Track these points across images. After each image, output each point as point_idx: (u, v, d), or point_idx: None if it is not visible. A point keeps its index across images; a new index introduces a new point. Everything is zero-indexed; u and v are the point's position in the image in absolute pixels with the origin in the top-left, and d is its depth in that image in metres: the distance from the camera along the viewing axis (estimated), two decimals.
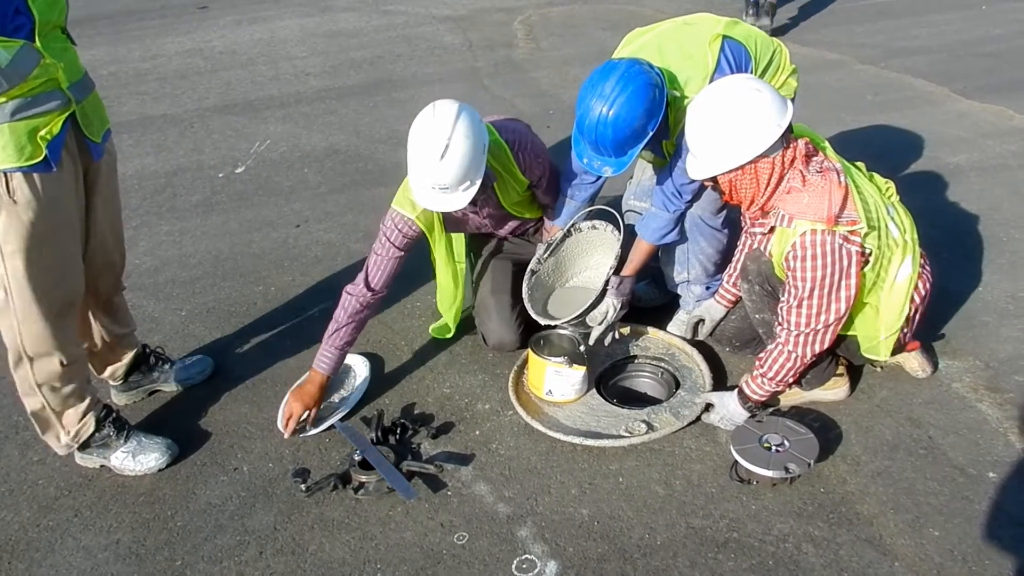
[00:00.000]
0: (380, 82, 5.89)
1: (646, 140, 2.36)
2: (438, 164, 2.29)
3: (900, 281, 2.33)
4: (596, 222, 2.75)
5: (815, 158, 2.26)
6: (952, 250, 3.26)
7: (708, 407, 2.52)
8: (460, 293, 2.87)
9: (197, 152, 4.88)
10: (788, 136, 2.22)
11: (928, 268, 2.44)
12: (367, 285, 2.59)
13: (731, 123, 2.17)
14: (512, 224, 2.89)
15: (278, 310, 3.28)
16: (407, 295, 3.28)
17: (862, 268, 2.23)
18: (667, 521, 2.19)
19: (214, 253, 3.73)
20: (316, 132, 5.06)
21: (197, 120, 5.38)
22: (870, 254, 2.24)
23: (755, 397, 2.40)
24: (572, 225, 2.76)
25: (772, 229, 2.30)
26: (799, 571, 2.02)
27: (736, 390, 2.45)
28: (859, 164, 2.44)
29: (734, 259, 2.69)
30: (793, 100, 2.64)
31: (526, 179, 2.66)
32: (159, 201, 4.28)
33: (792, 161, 2.22)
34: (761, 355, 2.38)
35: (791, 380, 2.38)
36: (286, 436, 2.54)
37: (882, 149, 4.25)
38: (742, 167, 2.21)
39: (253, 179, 4.47)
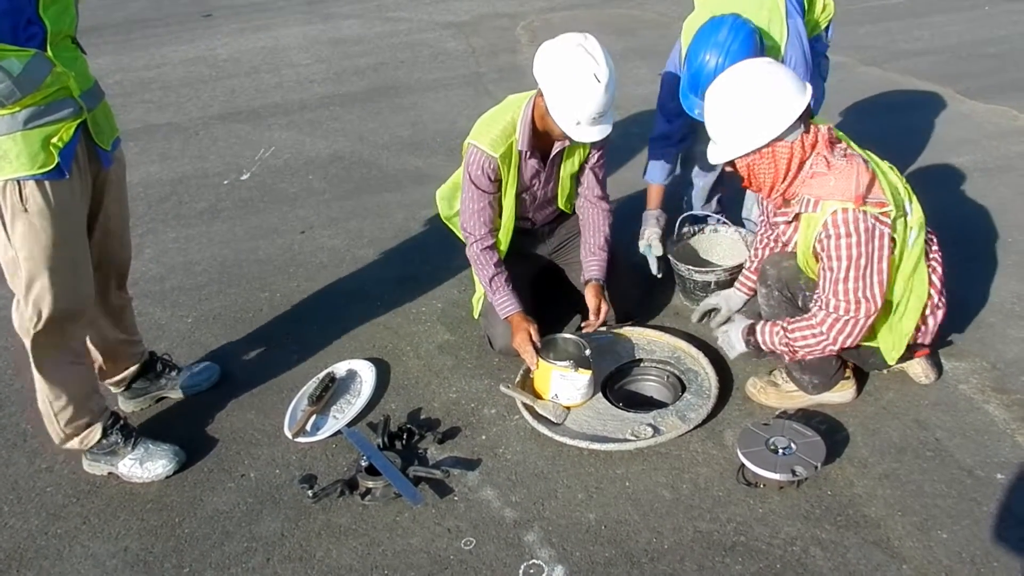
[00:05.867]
0: (383, 88, 5.92)
1: None
2: (604, 93, 2.39)
3: (919, 273, 2.30)
4: (719, 226, 3.23)
5: (839, 145, 2.24)
6: (957, 251, 3.24)
7: (713, 312, 2.58)
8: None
9: (202, 160, 4.90)
10: (807, 121, 2.20)
11: (941, 264, 2.42)
12: (478, 235, 2.70)
13: (745, 107, 2.17)
14: (548, 210, 2.94)
15: (284, 316, 3.28)
16: (412, 301, 3.29)
17: (892, 253, 2.21)
18: (674, 525, 2.19)
19: (220, 260, 3.74)
20: (320, 139, 5.08)
21: (202, 128, 5.41)
22: (895, 241, 2.21)
23: (760, 341, 2.38)
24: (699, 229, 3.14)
25: (796, 217, 2.28)
26: (807, 574, 2.01)
27: (748, 324, 2.44)
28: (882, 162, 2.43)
29: (754, 247, 2.69)
30: (829, 26, 3.02)
31: (587, 145, 2.74)
32: (165, 209, 4.30)
33: (814, 145, 2.20)
34: (796, 318, 2.32)
35: (801, 357, 2.35)
36: (531, 360, 2.64)
37: (886, 150, 4.20)
38: (758, 151, 2.20)
39: (258, 186, 4.49)
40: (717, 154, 2.30)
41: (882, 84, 5.21)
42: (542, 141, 2.67)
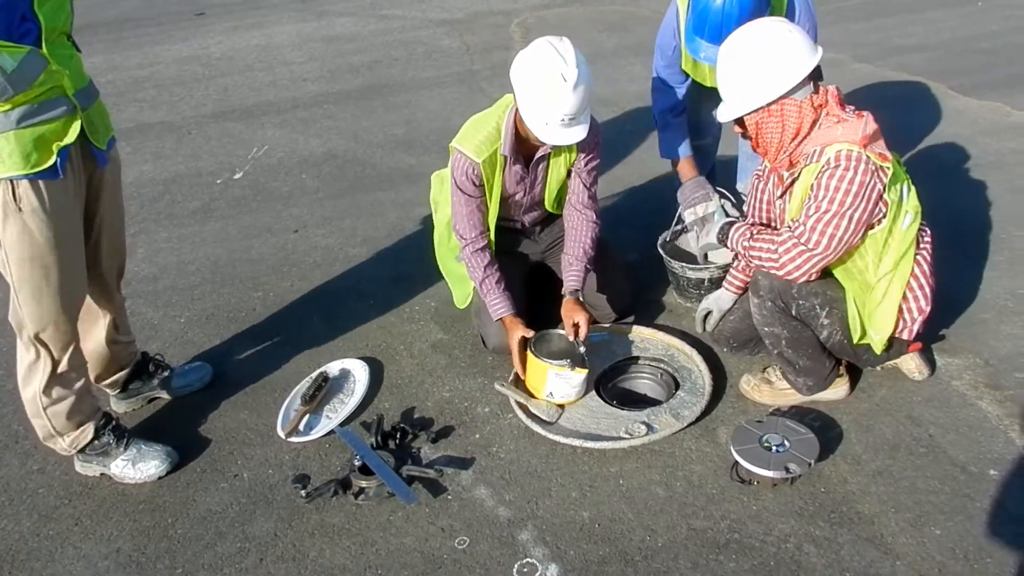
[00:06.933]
0: (377, 86, 5.90)
1: None
2: (572, 94, 2.34)
3: (907, 257, 2.31)
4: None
5: (849, 106, 2.27)
6: (950, 247, 3.25)
7: (708, 316, 2.74)
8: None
9: (195, 159, 4.88)
10: (817, 83, 2.24)
11: (930, 257, 2.42)
12: (470, 238, 2.68)
13: (757, 62, 2.20)
14: (536, 213, 2.93)
15: (277, 316, 3.27)
16: (406, 300, 3.28)
17: (879, 219, 2.22)
18: (668, 523, 2.19)
19: (213, 259, 3.73)
20: (314, 137, 5.07)
21: (195, 127, 5.39)
22: (887, 205, 2.22)
23: (730, 237, 2.45)
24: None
25: (792, 184, 2.30)
26: (800, 571, 2.01)
27: (729, 222, 2.51)
28: None
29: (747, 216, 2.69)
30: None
31: (573, 148, 2.70)
32: (157, 208, 4.28)
33: (823, 106, 2.23)
34: (768, 230, 2.38)
35: (747, 262, 2.41)
36: (519, 368, 2.64)
37: None
38: (767, 107, 2.22)
39: (251, 185, 4.47)
40: (727, 111, 2.33)
41: (875, 80, 5.22)
42: (525, 146, 2.65)
